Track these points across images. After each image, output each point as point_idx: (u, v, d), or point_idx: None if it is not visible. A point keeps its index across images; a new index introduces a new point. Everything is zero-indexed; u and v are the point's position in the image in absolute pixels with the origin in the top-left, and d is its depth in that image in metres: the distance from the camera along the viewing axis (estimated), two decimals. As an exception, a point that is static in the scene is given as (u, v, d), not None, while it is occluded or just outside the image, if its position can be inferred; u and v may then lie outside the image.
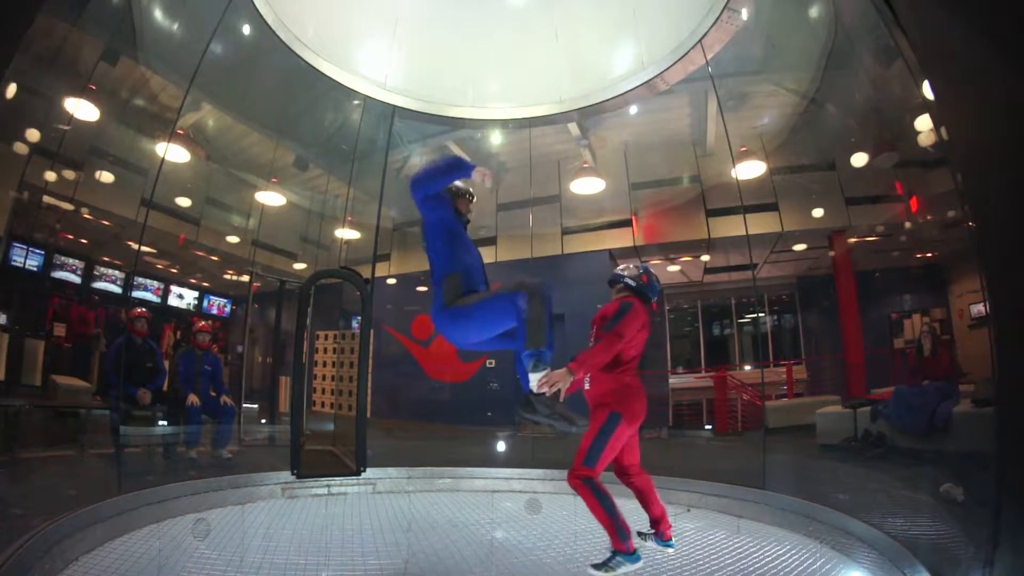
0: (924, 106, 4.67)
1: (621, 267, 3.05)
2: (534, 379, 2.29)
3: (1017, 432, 1.82)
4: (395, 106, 5.58)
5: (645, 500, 2.80)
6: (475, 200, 2.82)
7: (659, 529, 2.80)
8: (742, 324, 10.68)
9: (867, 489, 4.32)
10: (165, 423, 5.25)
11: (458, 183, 2.71)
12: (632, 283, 2.94)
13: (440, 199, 2.60)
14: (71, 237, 7.26)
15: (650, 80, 5.15)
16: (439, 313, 2.45)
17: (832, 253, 8.26)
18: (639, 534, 2.83)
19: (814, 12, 5.55)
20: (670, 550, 2.80)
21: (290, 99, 6.80)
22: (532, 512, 3.80)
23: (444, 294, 2.45)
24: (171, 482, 3.96)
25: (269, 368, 8.55)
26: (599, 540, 3.26)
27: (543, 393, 2.31)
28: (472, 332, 2.45)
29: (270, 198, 8.37)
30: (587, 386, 2.83)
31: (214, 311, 9.42)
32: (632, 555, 2.54)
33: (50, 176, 5.87)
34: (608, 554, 2.55)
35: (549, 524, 3.81)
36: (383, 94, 5.44)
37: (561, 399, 2.36)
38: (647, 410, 2.73)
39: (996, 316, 1.92)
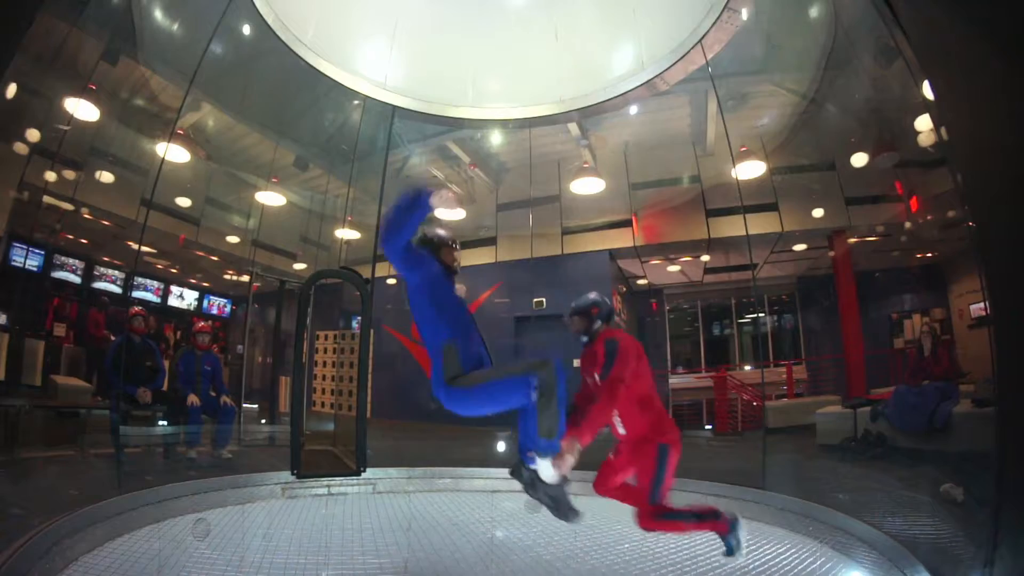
0: (924, 106, 4.67)
1: (576, 303, 2.92)
2: (545, 466, 2.19)
3: (1017, 432, 1.82)
4: (395, 106, 5.57)
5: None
6: (459, 248, 2.58)
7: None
8: (742, 324, 10.68)
9: (867, 489, 4.32)
10: (165, 423, 5.25)
11: (439, 232, 2.51)
12: (601, 318, 2.80)
13: (419, 257, 2.37)
14: (71, 237, 7.26)
15: (650, 80, 5.14)
16: (440, 388, 2.28)
17: (832, 253, 8.26)
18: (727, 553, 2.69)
19: (814, 12, 5.55)
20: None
21: (290, 99, 6.80)
22: (532, 511, 3.79)
23: (444, 367, 2.27)
24: (171, 482, 3.96)
25: (269, 368, 8.55)
26: (599, 538, 3.27)
27: (558, 482, 2.21)
28: (479, 410, 2.29)
29: (270, 198, 8.37)
30: (621, 431, 2.71)
31: (214, 311, 9.43)
32: (735, 522, 2.54)
33: (50, 176, 5.87)
34: (721, 542, 2.57)
35: (549, 523, 3.80)
36: (383, 94, 5.44)
37: (567, 471, 2.20)
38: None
39: (996, 316, 1.92)
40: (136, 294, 8.25)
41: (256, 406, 7.93)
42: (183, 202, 7.85)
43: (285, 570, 2.76)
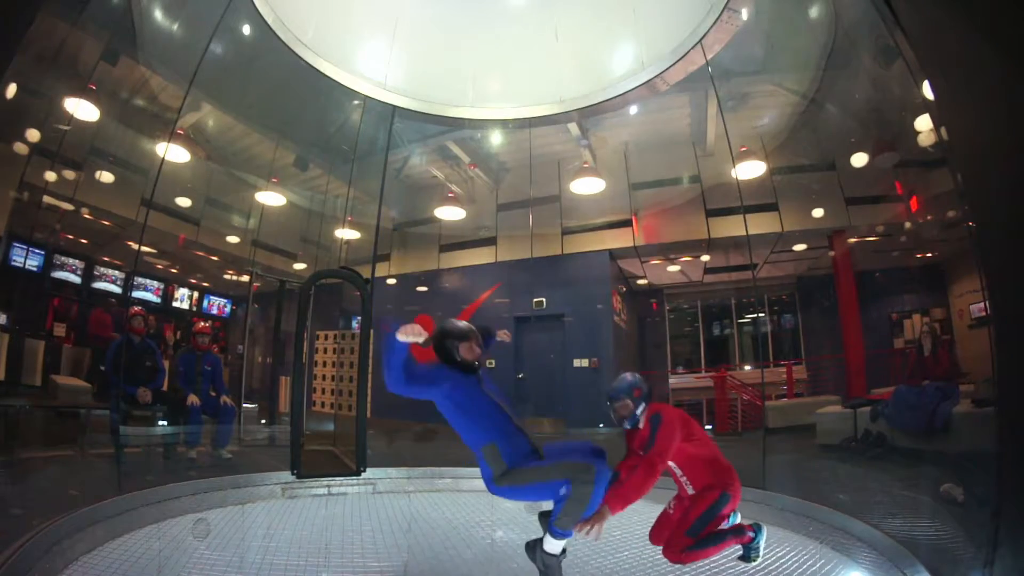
0: (924, 106, 4.67)
1: (627, 379, 2.86)
2: (550, 540, 2.38)
3: (1017, 432, 1.82)
4: (395, 106, 5.57)
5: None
6: (478, 337, 2.53)
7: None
8: (742, 324, 10.68)
9: (867, 489, 4.32)
10: (165, 423, 5.25)
11: (448, 330, 2.48)
12: (644, 399, 2.79)
13: (430, 376, 2.39)
14: (71, 237, 7.26)
15: (650, 80, 5.14)
16: (489, 483, 2.43)
17: (832, 253, 8.26)
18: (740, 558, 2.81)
19: (814, 12, 5.55)
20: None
21: (290, 99, 6.79)
22: (532, 512, 3.79)
23: (489, 466, 2.41)
24: (171, 482, 3.96)
25: (269, 368, 8.55)
26: (599, 544, 3.26)
27: (557, 554, 2.39)
28: (527, 499, 2.51)
29: (270, 198, 8.37)
30: (690, 490, 2.75)
31: (214, 311, 9.42)
32: (758, 533, 2.68)
33: (50, 176, 5.87)
34: (740, 549, 2.70)
35: (549, 524, 3.80)
36: (383, 94, 5.44)
37: (598, 538, 2.28)
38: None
39: (996, 316, 1.92)
40: (136, 294, 8.25)
41: (256, 406, 7.92)
42: (183, 202, 7.84)
43: (285, 571, 2.76)
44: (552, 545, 2.38)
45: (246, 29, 5.27)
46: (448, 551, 3.17)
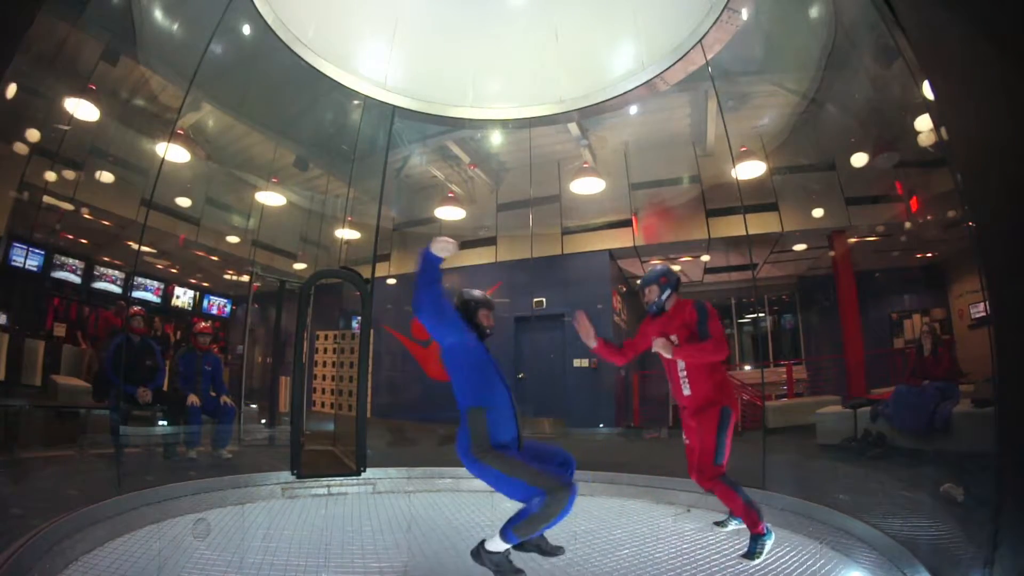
0: (924, 106, 4.67)
1: (657, 268, 3.14)
2: (493, 540, 2.42)
3: (1017, 432, 1.82)
4: (395, 106, 5.57)
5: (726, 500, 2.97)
6: (494, 309, 2.67)
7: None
8: (742, 324, 10.69)
9: (867, 489, 4.32)
10: (165, 423, 5.26)
11: (475, 294, 2.63)
12: (671, 286, 3.05)
13: (453, 322, 2.45)
14: (71, 237, 7.26)
15: (650, 80, 5.14)
16: (464, 453, 2.43)
17: (832, 253, 8.26)
18: (715, 523, 3.18)
19: (814, 12, 5.55)
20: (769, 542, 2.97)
21: (290, 99, 6.80)
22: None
23: (470, 433, 2.40)
24: (171, 482, 3.96)
25: (269, 368, 8.55)
26: (599, 543, 3.26)
27: (502, 551, 2.42)
28: (491, 484, 2.45)
29: (270, 198, 8.38)
30: (687, 392, 2.95)
31: (214, 311, 9.43)
32: (768, 534, 2.81)
33: (50, 176, 5.87)
34: (749, 541, 2.82)
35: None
36: (383, 94, 5.44)
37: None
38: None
39: (996, 316, 1.92)
40: (136, 294, 8.26)
41: (256, 406, 7.93)
42: (183, 202, 7.85)
43: (285, 571, 2.76)
44: (497, 544, 2.40)
45: (246, 29, 5.27)
46: (448, 551, 3.17)
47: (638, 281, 3.28)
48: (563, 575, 2.82)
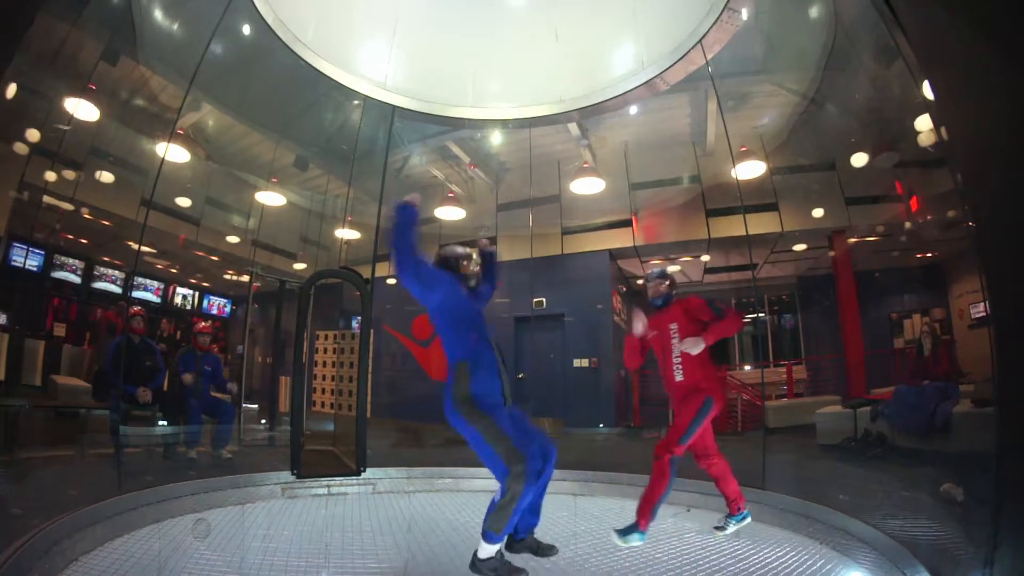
0: (924, 106, 4.67)
1: (657, 278, 3.37)
2: (483, 546, 2.39)
3: (1017, 432, 1.82)
4: (395, 106, 5.57)
5: (721, 481, 3.16)
6: (476, 262, 2.74)
7: (733, 507, 3.18)
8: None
9: (867, 489, 4.32)
10: (165, 423, 5.26)
11: (454, 249, 2.69)
12: (674, 287, 3.34)
13: (435, 276, 2.46)
14: (71, 237, 7.26)
15: (650, 80, 5.14)
16: (449, 407, 2.43)
17: (832, 253, 8.26)
18: (715, 528, 3.21)
19: (814, 12, 5.55)
20: (747, 521, 3.21)
21: (290, 99, 6.80)
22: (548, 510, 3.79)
23: (454, 384, 2.42)
24: (171, 482, 3.96)
25: (269, 368, 8.55)
26: (599, 543, 3.27)
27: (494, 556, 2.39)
28: (467, 439, 2.44)
29: (270, 198, 8.37)
30: (679, 378, 3.11)
31: (214, 311, 9.43)
32: (643, 534, 2.95)
33: (50, 176, 5.87)
34: (630, 524, 2.97)
35: (548, 525, 3.80)
36: (383, 94, 5.44)
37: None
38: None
39: (996, 316, 1.92)
40: (136, 294, 8.26)
41: (256, 406, 7.92)
42: (183, 202, 7.85)
43: (285, 571, 2.76)
44: (485, 550, 2.38)
45: (246, 29, 5.27)
46: (448, 551, 3.17)
47: (640, 281, 3.40)
48: (563, 572, 2.82)
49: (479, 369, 2.43)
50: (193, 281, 9.23)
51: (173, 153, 6.61)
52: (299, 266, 8.94)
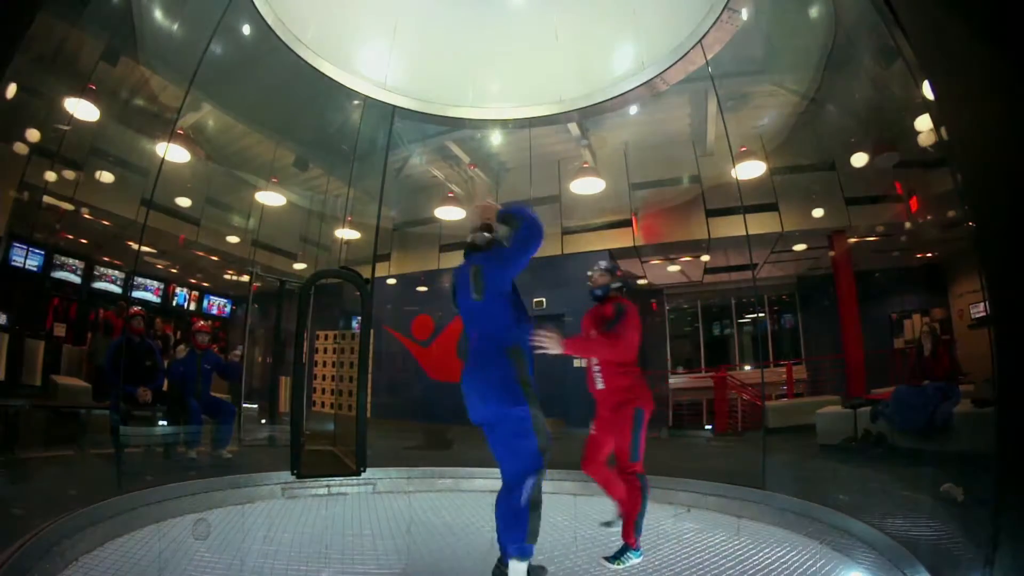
0: (924, 106, 4.67)
1: (599, 268, 3.11)
2: (516, 568, 2.20)
3: (1017, 432, 1.82)
4: (395, 106, 5.57)
5: (609, 488, 2.99)
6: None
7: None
8: (742, 324, 10.69)
9: (867, 489, 4.32)
10: (165, 423, 5.26)
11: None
12: (620, 281, 3.08)
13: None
14: (71, 237, 7.26)
15: (650, 80, 5.14)
16: (500, 394, 2.28)
17: (832, 253, 8.26)
18: (606, 523, 3.13)
19: (814, 12, 5.55)
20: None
21: (290, 99, 6.80)
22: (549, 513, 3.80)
23: (511, 366, 2.31)
24: (171, 482, 3.96)
25: (269, 368, 8.55)
26: (600, 549, 3.26)
27: None
28: (507, 435, 2.32)
29: (270, 198, 8.37)
30: (600, 386, 2.94)
31: (214, 311, 9.43)
32: (638, 551, 2.84)
33: (50, 176, 5.87)
34: (621, 547, 2.84)
35: (549, 525, 3.80)
36: (383, 94, 5.44)
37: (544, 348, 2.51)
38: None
39: (996, 316, 1.92)
40: (136, 294, 8.26)
41: (256, 406, 7.92)
42: (183, 202, 7.85)
43: (286, 571, 2.76)
44: (519, 569, 2.20)
45: (246, 29, 5.27)
46: (448, 552, 3.17)
47: (640, 280, 3.28)
48: (563, 573, 2.82)
49: (529, 354, 2.40)
50: (193, 281, 9.23)
51: (173, 153, 6.60)
52: (299, 266, 8.94)
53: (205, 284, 9.47)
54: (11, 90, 4.45)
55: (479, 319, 2.46)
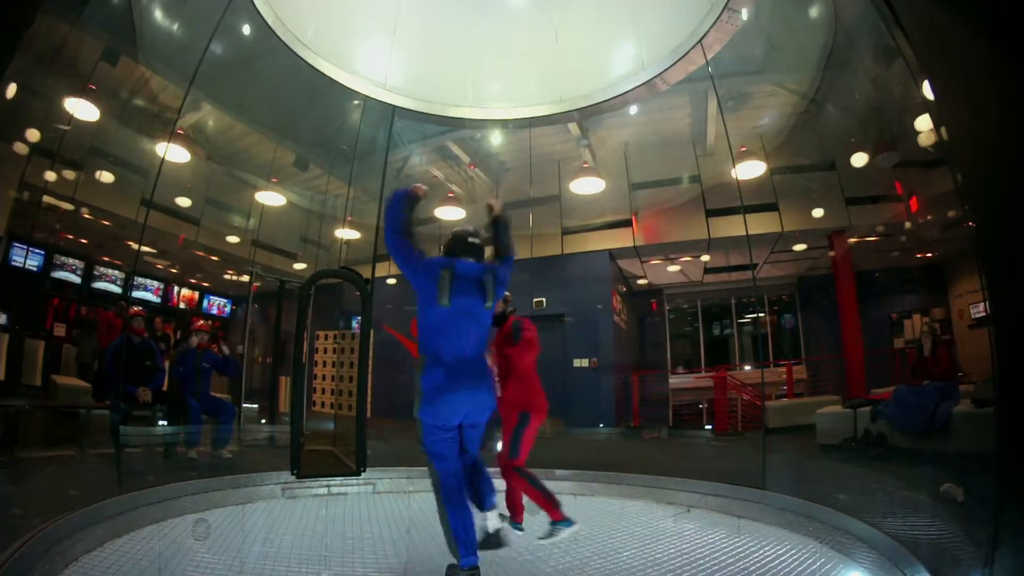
0: (924, 106, 4.67)
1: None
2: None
3: (1017, 432, 1.82)
4: (395, 106, 5.57)
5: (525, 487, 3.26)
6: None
7: (514, 514, 3.35)
8: (742, 324, 10.69)
9: (867, 489, 4.32)
10: (165, 423, 5.25)
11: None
12: (511, 307, 3.51)
13: (421, 259, 2.55)
14: (71, 237, 7.26)
15: (650, 80, 5.14)
16: (490, 391, 2.52)
17: (832, 253, 8.26)
18: (500, 516, 3.16)
19: (814, 12, 5.55)
20: (519, 532, 3.31)
21: (290, 99, 6.79)
22: (532, 513, 3.80)
23: (488, 370, 2.57)
24: (171, 482, 3.96)
25: (269, 368, 8.55)
26: (599, 546, 3.27)
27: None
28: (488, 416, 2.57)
29: (270, 198, 8.37)
30: (498, 392, 3.23)
31: (214, 311, 9.43)
32: (566, 521, 3.04)
33: (50, 176, 5.87)
34: (548, 526, 3.07)
35: (549, 524, 3.80)
36: (383, 94, 5.43)
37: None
38: (547, 405, 3.31)
39: (996, 316, 1.92)
40: (136, 294, 8.26)
41: (256, 406, 7.92)
42: (183, 202, 7.85)
43: (286, 572, 2.76)
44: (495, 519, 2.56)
45: (246, 29, 5.27)
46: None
47: (640, 280, 3.48)
48: (564, 573, 2.82)
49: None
50: (193, 281, 9.23)
51: (173, 153, 6.60)
52: (299, 266, 8.94)
53: (205, 284, 9.47)
54: (11, 90, 4.44)
55: (479, 324, 2.49)
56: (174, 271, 9.06)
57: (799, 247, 8.61)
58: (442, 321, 2.43)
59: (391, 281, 9.62)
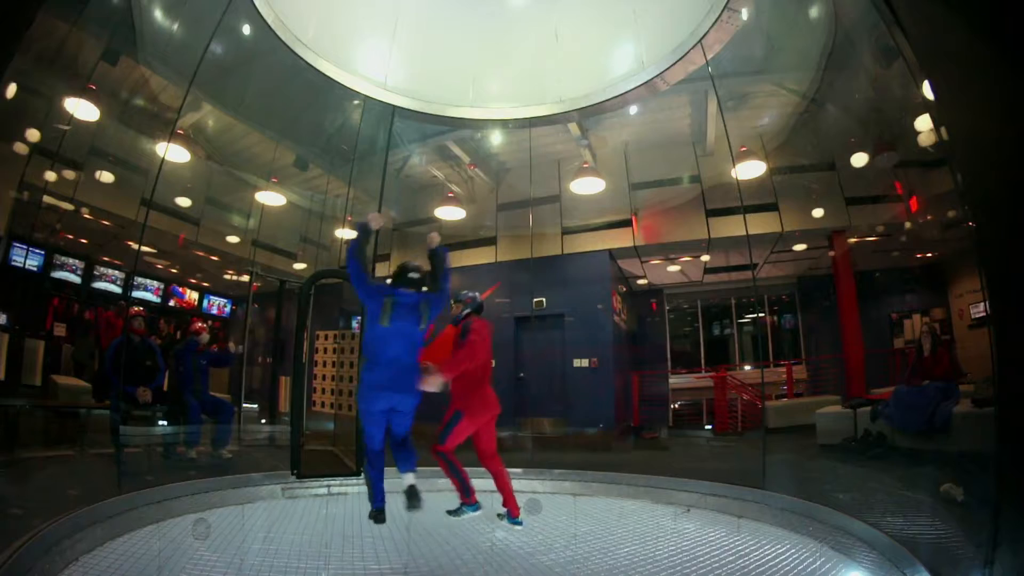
0: (924, 106, 4.67)
1: (457, 294, 3.68)
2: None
3: (1017, 432, 1.82)
4: (395, 106, 5.57)
5: (497, 483, 3.51)
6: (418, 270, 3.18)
7: (507, 508, 3.49)
8: (742, 324, 10.68)
9: (867, 489, 4.32)
10: (165, 423, 5.25)
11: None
12: (471, 307, 3.62)
13: (371, 285, 3.05)
14: (71, 237, 7.26)
15: (650, 80, 5.14)
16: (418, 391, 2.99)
17: (832, 253, 8.25)
18: (498, 515, 3.55)
19: (814, 12, 5.55)
20: (518, 527, 3.45)
21: (290, 99, 6.79)
22: (532, 513, 3.80)
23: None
24: (171, 482, 3.96)
25: (269, 368, 8.54)
26: (598, 543, 3.27)
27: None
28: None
29: (270, 198, 8.36)
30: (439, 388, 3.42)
31: (214, 311, 9.43)
32: (473, 505, 3.43)
33: (50, 176, 5.86)
34: (458, 505, 3.44)
35: (551, 523, 3.81)
36: (383, 94, 5.44)
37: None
38: (495, 407, 3.51)
39: (996, 316, 1.92)
40: (136, 294, 8.26)
41: (256, 406, 7.92)
42: (183, 202, 7.84)
43: (285, 571, 2.76)
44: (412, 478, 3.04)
45: (246, 29, 5.26)
46: (448, 552, 3.17)
47: (640, 280, 3.55)
48: (563, 572, 2.82)
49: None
50: (193, 281, 9.23)
51: (173, 153, 6.59)
52: (299, 266, 8.93)
53: (205, 284, 9.47)
54: (11, 90, 4.44)
55: (409, 339, 3.04)
56: (174, 271, 9.05)
57: (799, 247, 8.60)
58: (380, 335, 2.99)
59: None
